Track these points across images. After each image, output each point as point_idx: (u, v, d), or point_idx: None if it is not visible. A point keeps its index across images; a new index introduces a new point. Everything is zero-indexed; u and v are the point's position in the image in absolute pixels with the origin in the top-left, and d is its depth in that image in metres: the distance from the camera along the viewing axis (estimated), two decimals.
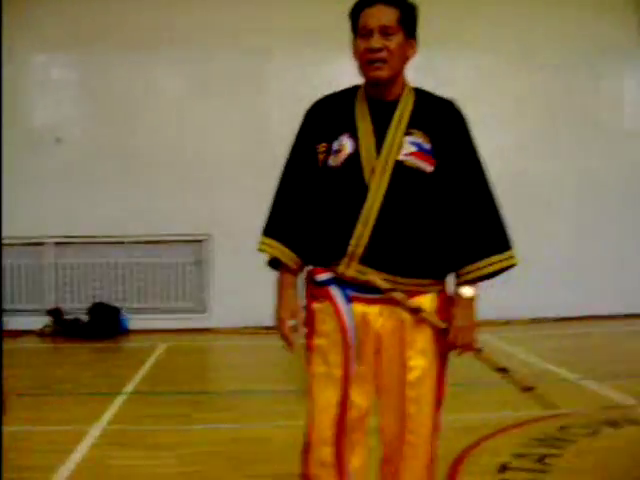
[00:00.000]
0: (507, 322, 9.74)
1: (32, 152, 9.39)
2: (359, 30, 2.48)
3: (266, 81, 9.92)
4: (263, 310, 10.18)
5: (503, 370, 2.47)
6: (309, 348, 2.55)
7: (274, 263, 2.59)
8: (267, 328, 9.18)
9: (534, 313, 9.95)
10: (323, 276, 2.50)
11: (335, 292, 2.48)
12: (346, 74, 2.72)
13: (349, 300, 2.47)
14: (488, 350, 2.52)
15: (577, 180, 10.19)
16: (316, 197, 2.53)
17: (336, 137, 2.51)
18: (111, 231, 9.62)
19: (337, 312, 2.46)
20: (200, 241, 9.81)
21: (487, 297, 2.88)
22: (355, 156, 2.46)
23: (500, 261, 2.49)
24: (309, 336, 2.55)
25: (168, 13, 9.67)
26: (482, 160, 2.55)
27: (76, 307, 9.66)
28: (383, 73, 2.46)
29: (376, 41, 2.43)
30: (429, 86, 2.64)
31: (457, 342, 2.46)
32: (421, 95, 2.57)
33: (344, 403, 2.47)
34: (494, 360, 2.48)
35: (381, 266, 2.44)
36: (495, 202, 2.53)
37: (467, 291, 2.49)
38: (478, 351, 2.50)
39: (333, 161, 2.49)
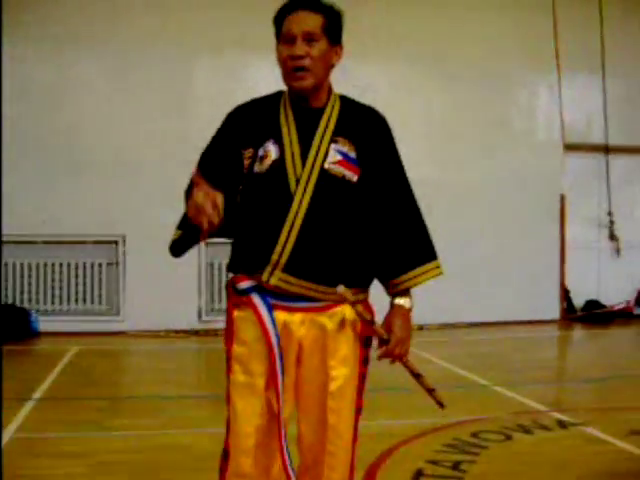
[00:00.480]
0: (421, 327, 9.88)
1: None
2: (282, 36, 2.44)
3: (188, 83, 9.83)
4: (177, 313, 10.06)
5: (418, 376, 2.50)
6: (229, 356, 2.50)
7: (177, 247, 2.53)
8: (181, 332, 9.18)
9: (446, 319, 10.12)
10: (245, 284, 2.45)
11: (257, 300, 2.43)
12: (268, 78, 2.68)
13: (270, 308, 2.44)
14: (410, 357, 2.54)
15: (488, 189, 10.40)
16: (240, 202, 2.49)
17: (261, 143, 2.46)
18: (22, 230, 9.35)
19: (260, 320, 2.41)
20: (113, 242, 9.62)
21: None
22: (280, 162, 2.42)
23: (428, 271, 2.51)
24: (229, 343, 2.50)
25: (91, 10, 9.51)
26: (405, 170, 2.56)
27: None
28: (306, 83, 2.43)
29: (299, 48, 2.40)
30: (343, 93, 2.63)
31: (395, 352, 2.45)
32: (346, 103, 2.56)
33: (267, 413, 2.43)
34: (414, 366, 2.50)
35: (305, 275, 2.41)
36: (420, 212, 2.54)
37: (406, 302, 2.49)
38: (406, 360, 2.52)
39: (258, 167, 2.44)
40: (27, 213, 9.28)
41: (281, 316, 2.43)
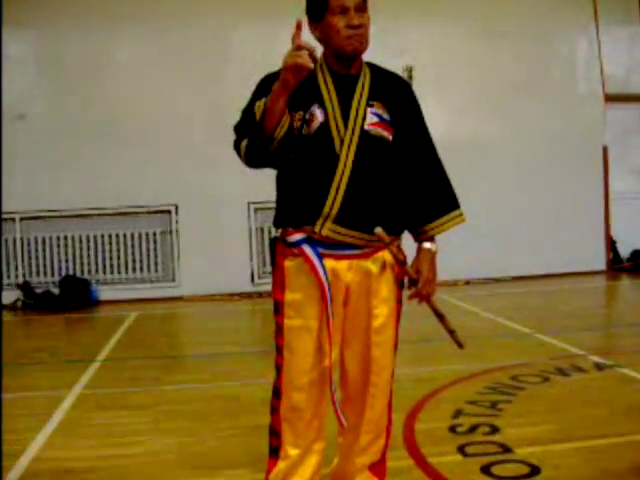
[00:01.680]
0: (467, 282, 10.10)
1: None
2: (333, 8, 2.63)
3: (228, 52, 10.05)
4: (231, 277, 10.33)
5: (442, 316, 2.73)
6: (280, 303, 2.75)
7: (252, 154, 2.66)
8: (235, 295, 9.53)
9: (492, 273, 10.29)
10: (296, 236, 2.71)
11: (308, 250, 2.69)
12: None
13: (320, 257, 2.70)
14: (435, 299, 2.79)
15: (531, 142, 10.48)
16: (292, 162, 2.71)
17: (307, 107, 2.69)
18: (78, 204, 9.76)
19: (312, 267, 2.68)
20: (167, 211, 9.99)
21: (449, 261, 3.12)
22: (325, 125, 2.68)
23: (453, 219, 2.81)
24: (280, 292, 2.75)
25: None
26: (429, 130, 2.85)
27: (46, 281, 9.83)
28: (363, 47, 2.69)
29: (356, 18, 2.64)
30: (385, 52, 2.86)
31: (423, 292, 2.73)
32: (375, 69, 2.82)
33: (319, 352, 2.71)
34: (439, 307, 2.75)
35: (352, 225, 2.68)
36: (443, 168, 2.85)
37: (433, 246, 2.79)
38: (432, 301, 2.77)
39: (305, 130, 2.68)
40: (82, 187, 9.68)
41: (329, 264, 2.70)
